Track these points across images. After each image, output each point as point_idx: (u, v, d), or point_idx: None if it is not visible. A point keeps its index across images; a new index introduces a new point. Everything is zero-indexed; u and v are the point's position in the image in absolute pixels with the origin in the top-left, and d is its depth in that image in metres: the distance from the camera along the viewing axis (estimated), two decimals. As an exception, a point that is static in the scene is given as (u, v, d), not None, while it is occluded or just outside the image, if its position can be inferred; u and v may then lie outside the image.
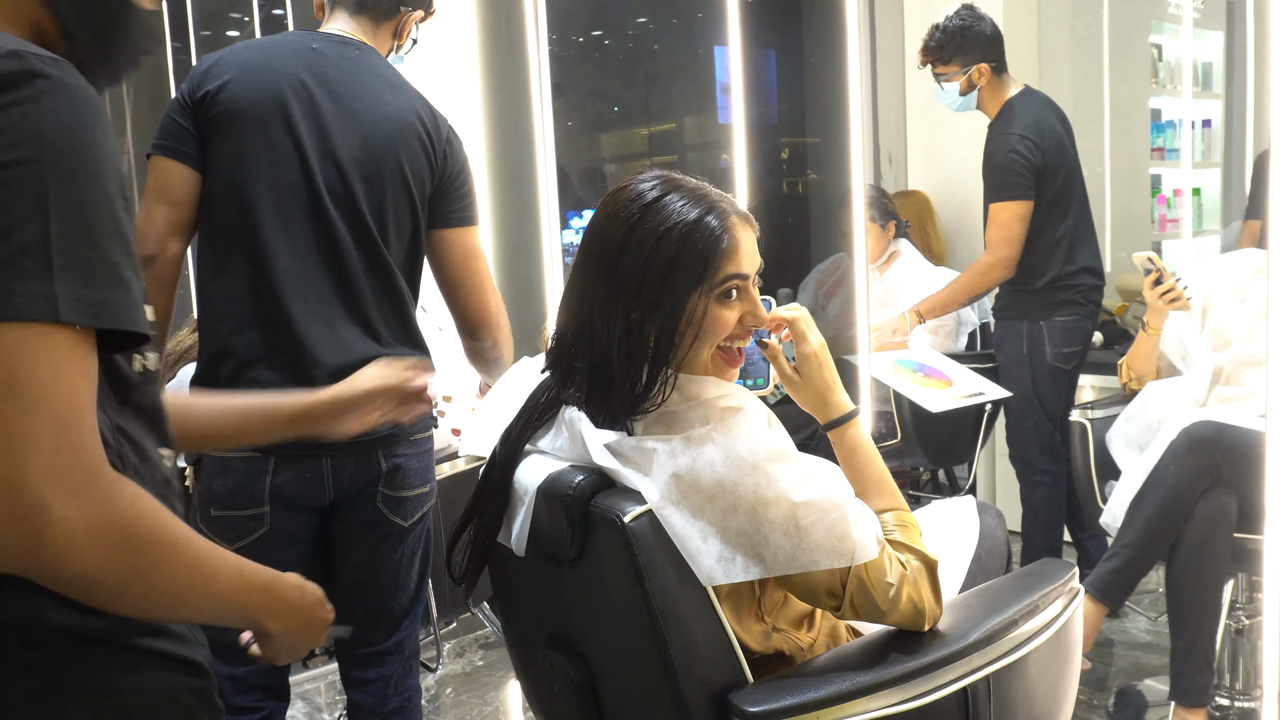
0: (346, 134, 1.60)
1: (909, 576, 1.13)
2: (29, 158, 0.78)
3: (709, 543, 1.06)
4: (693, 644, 1.07)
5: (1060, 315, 2.76)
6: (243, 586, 0.89)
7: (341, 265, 1.58)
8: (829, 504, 1.08)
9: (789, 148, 4.63)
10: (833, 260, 3.46)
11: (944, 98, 2.87)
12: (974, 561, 1.46)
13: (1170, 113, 4.69)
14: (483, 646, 3.09)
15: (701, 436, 1.08)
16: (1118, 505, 2.18)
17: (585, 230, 1.20)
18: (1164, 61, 4.66)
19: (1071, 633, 1.27)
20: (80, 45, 0.93)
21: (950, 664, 1.11)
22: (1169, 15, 4.61)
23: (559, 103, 3.13)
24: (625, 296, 1.13)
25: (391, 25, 1.73)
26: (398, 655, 1.76)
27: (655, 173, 1.19)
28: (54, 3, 0.91)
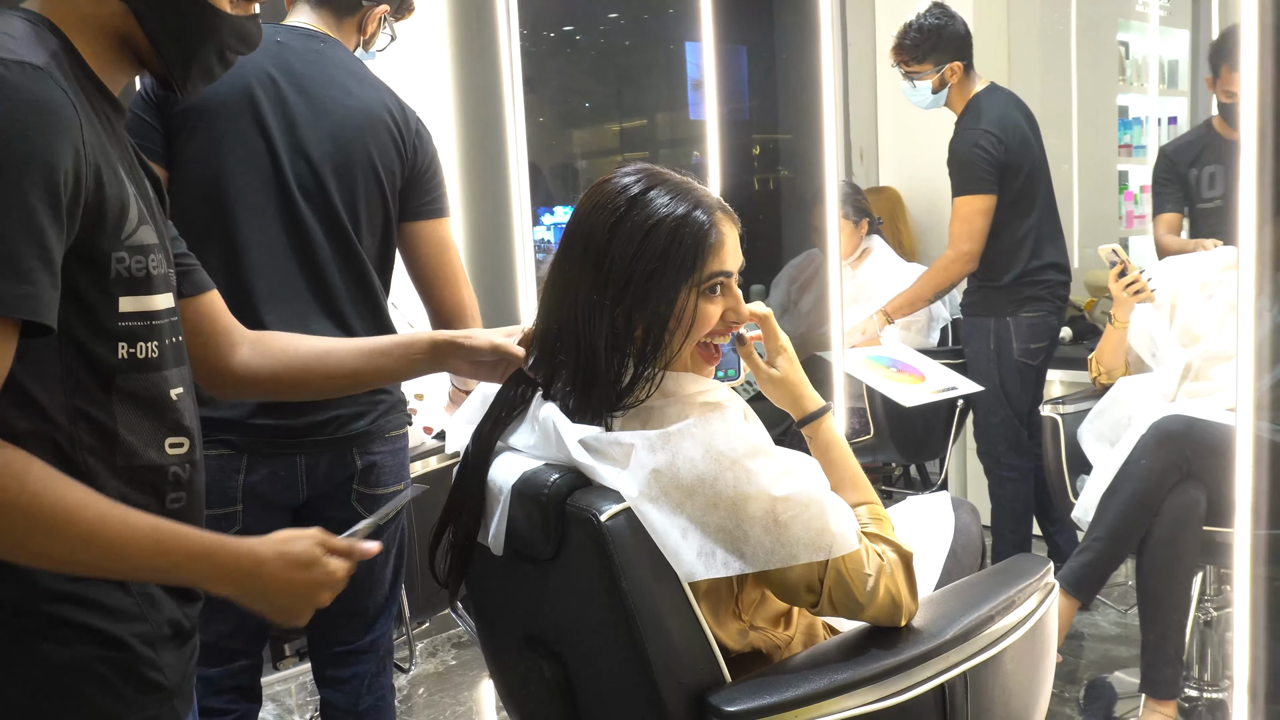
0: (315, 127, 1.58)
1: (886, 568, 1.13)
2: None
3: (689, 538, 1.05)
4: (670, 643, 1.06)
5: (1026, 311, 2.78)
6: (159, 553, 0.90)
7: (313, 260, 1.57)
8: (808, 498, 1.08)
9: (760, 144, 4.64)
10: (805, 256, 3.47)
11: (914, 96, 2.88)
12: (949, 557, 1.46)
13: (1137, 110, 4.74)
14: (455, 646, 3.07)
15: (681, 432, 1.07)
16: (1089, 499, 2.20)
17: (567, 225, 1.18)
18: (1131, 59, 4.71)
19: (1047, 628, 1.28)
20: (168, 51, 1.01)
21: (927, 660, 1.11)
22: (1136, 14, 4.65)
23: (530, 98, 3.12)
24: (613, 290, 1.12)
25: (355, 20, 1.71)
26: (372, 654, 1.74)
27: (639, 166, 1.18)
28: (141, 15, 0.99)
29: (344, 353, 1.27)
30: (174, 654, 0.99)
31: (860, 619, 1.14)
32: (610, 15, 4.70)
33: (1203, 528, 2.09)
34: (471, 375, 1.27)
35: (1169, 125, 4.74)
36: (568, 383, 1.15)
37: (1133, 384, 2.36)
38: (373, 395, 1.63)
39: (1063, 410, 2.44)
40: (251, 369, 1.20)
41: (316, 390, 1.31)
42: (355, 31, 1.72)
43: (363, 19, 1.71)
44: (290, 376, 1.24)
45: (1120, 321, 2.43)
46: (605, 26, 4.72)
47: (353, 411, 1.60)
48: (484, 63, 3.07)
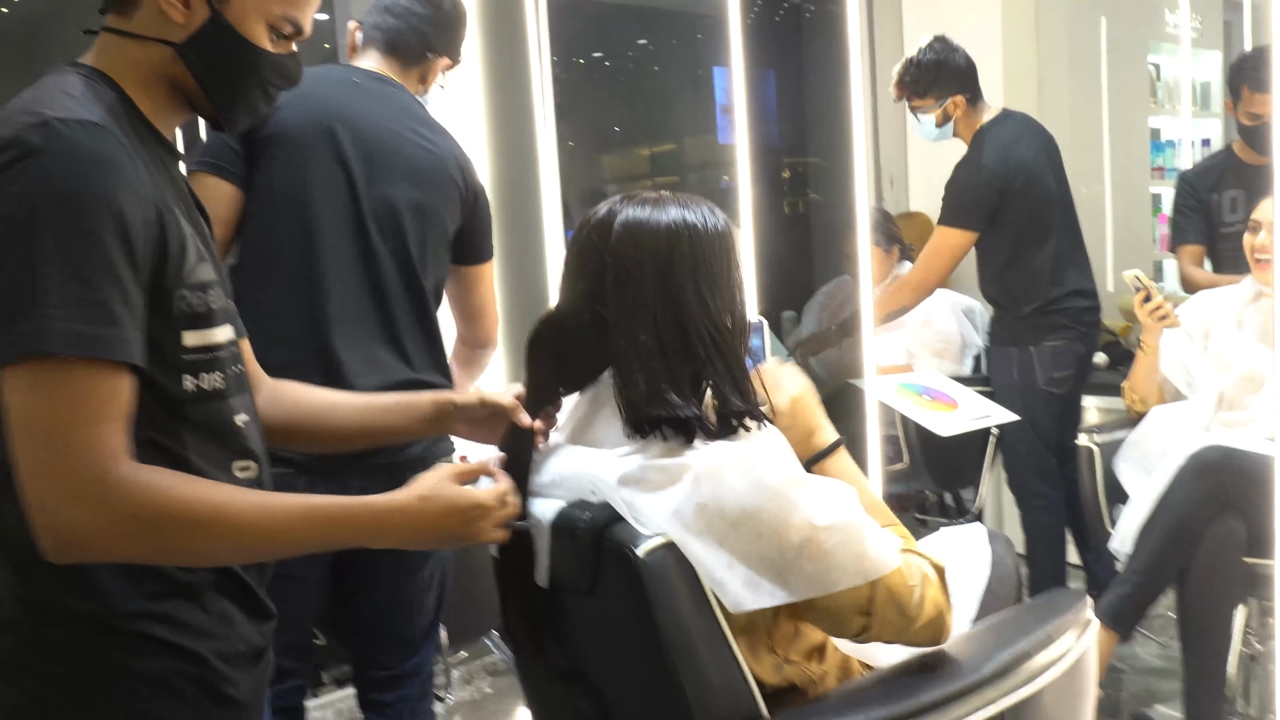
0: (392, 167, 1.66)
1: (930, 578, 1.15)
2: (15, 215, 0.89)
3: (735, 570, 1.06)
4: (706, 678, 1.06)
5: (1050, 340, 2.74)
6: (309, 526, 0.99)
7: (380, 289, 1.64)
8: (846, 525, 1.09)
9: (790, 168, 4.64)
10: (836, 283, 3.46)
11: (920, 129, 2.88)
12: (987, 592, 1.45)
13: (1169, 132, 4.71)
14: (491, 674, 3.08)
15: (724, 464, 1.07)
16: (1126, 530, 2.17)
17: (605, 261, 1.16)
18: (1162, 81, 4.69)
19: (1086, 664, 1.26)
20: (215, 91, 1.07)
21: (965, 697, 1.10)
22: (1167, 35, 4.63)
23: (560, 125, 3.15)
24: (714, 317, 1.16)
25: (418, 70, 1.80)
26: (415, 678, 1.78)
27: (653, 195, 1.19)
28: (188, 58, 1.04)
29: (352, 408, 1.30)
30: (248, 672, 1.05)
31: (908, 637, 1.15)
32: (639, 41, 4.74)
33: (1244, 559, 2.07)
34: (469, 436, 1.30)
35: (1202, 147, 4.71)
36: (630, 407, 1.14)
37: (1167, 413, 2.34)
38: None
39: (1098, 439, 2.42)
40: (267, 414, 1.22)
41: (325, 442, 1.33)
42: (417, 81, 1.81)
43: (425, 70, 1.81)
44: (300, 426, 1.27)
45: (1149, 347, 2.40)
46: (634, 53, 4.76)
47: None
48: (516, 89, 3.10)
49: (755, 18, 4.38)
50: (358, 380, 1.58)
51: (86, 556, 0.92)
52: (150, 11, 1.03)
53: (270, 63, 1.09)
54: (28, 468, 0.88)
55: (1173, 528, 2.07)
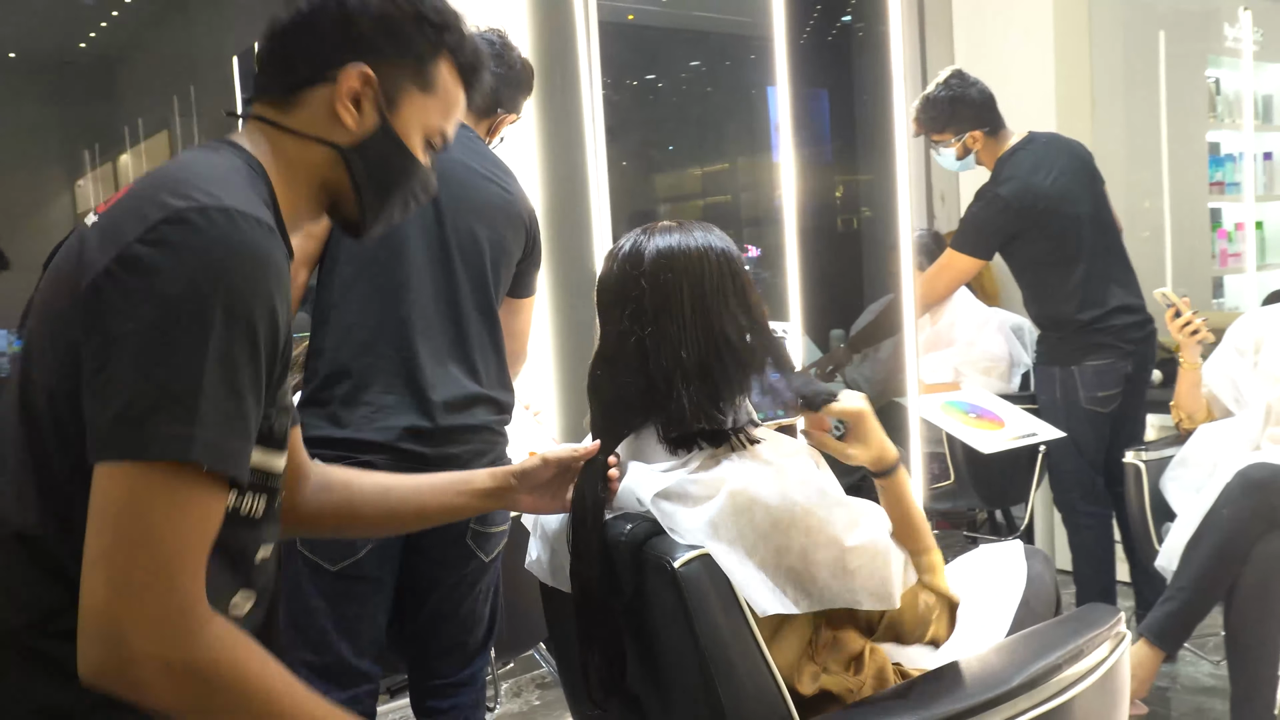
0: (475, 203, 1.78)
1: (933, 618, 1.23)
2: (186, 301, 0.84)
3: (762, 577, 1.11)
4: (741, 685, 1.10)
5: (1092, 359, 2.73)
6: None
7: (458, 312, 1.73)
8: (874, 549, 1.14)
9: (843, 185, 4.66)
10: (883, 301, 3.48)
11: (943, 161, 2.91)
12: (1022, 606, 1.47)
13: (1230, 146, 4.65)
14: (539, 686, 3.13)
15: (759, 479, 1.12)
16: (1173, 547, 2.17)
17: (647, 289, 1.22)
18: (1222, 95, 4.63)
19: (1118, 677, 1.28)
20: (369, 198, 1.06)
21: (995, 706, 1.13)
22: (1227, 49, 4.58)
23: (613, 146, 3.21)
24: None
25: (488, 122, 1.96)
26: (471, 687, 1.84)
27: (648, 227, 1.27)
28: (351, 162, 1.04)
29: (407, 489, 1.26)
30: None
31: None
32: (692, 63, 4.79)
33: (1294, 578, 2.05)
34: (533, 508, 1.27)
35: (1264, 161, 4.64)
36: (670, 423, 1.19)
37: (1215, 430, 2.33)
38: (495, 435, 1.76)
39: (1145, 457, 2.41)
40: (317, 503, 1.20)
41: (379, 527, 1.28)
42: (485, 131, 1.96)
43: (494, 123, 1.97)
44: (354, 512, 1.23)
45: (1189, 363, 2.41)
46: (686, 74, 4.81)
47: (477, 448, 1.72)
48: (567, 113, 3.17)
49: (808, 38, 4.42)
50: (434, 390, 1.67)
51: (125, 689, 0.82)
52: (317, 112, 1.03)
53: (421, 173, 1.10)
54: (111, 576, 0.81)
55: (1219, 545, 2.06)
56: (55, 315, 0.91)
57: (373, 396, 1.65)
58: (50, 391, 0.89)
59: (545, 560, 1.31)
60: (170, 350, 0.83)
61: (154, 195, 0.89)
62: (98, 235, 0.90)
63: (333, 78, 1.03)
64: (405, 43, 1.05)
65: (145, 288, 0.84)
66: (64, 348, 0.88)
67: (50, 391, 0.89)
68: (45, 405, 0.89)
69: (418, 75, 1.07)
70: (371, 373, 1.66)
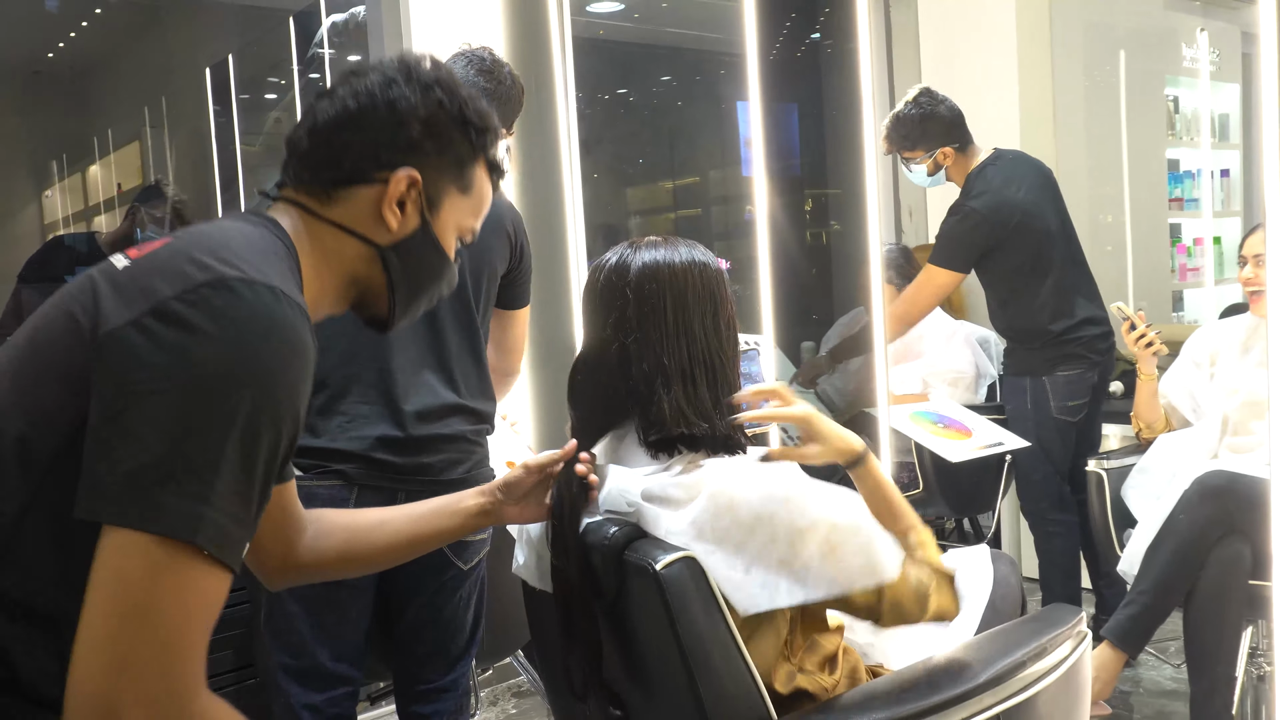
0: None
1: (931, 594, 1.26)
2: (214, 377, 0.82)
3: (752, 573, 1.15)
4: (720, 683, 1.14)
5: (1062, 370, 2.80)
6: None
7: (438, 324, 1.75)
8: (858, 526, 1.18)
9: (812, 199, 4.73)
10: (853, 315, 3.55)
11: (914, 178, 2.98)
12: (989, 608, 1.52)
13: (1188, 163, 4.77)
14: (515, 695, 3.15)
15: (735, 477, 1.17)
16: (1134, 553, 2.24)
17: (630, 297, 1.27)
18: (1180, 113, 4.75)
19: (1080, 674, 1.34)
20: (402, 294, 1.08)
21: (963, 702, 1.18)
22: (1185, 69, 4.70)
23: (585, 159, 3.25)
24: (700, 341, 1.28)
25: None
26: (453, 693, 1.87)
27: (634, 241, 1.32)
28: (389, 263, 1.05)
29: (401, 519, 1.27)
30: None
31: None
32: (663, 78, 4.85)
33: (1249, 581, 2.12)
34: (519, 519, 1.29)
35: (1221, 177, 4.76)
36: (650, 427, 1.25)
37: (1174, 440, 2.41)
38: (471, 444, 1.78)
39: (1107, 465, 2.48)
40: (318, 549, 1.21)
41: (380, 560, 1.29)
42: None
43: None
44: (354, 551, 1.24)
45: (1146, 374, 2.49)
46: (658, 88, 4.87)
47: (452, 458, 1.74)
48: (543, 126, 3.21)
49: (778, 54, 4.49)
50: (407, 400, 1.69)
51: None
52: (360, 209, 1.04)
53: (449, 273, 1.12)
54: (113, 652, 0.78)
55: (1178, 550, 2.13)
56: (49, 353, 0.88)
57: (348, 406, 1.68)
58: (20, 433, 0.86)
59: (532, 564, 1.34)
60: (197, 420, 0.81)
61: (195, 256, 0.88)
62: (126, 282, 0.88)
63: (383, 179, 1.04)
64: (449, 145, 1.07)
65: (180, 347, 0.83)
66: (55, 388, 0.86)
67: (20, 433, 0.86)
68: (9, 443, 0.86)
69: (458, 177, 1.09)
70: (348, 383, 1.69)
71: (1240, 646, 2.21)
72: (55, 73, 3.96)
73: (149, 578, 0.79)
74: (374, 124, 1.04)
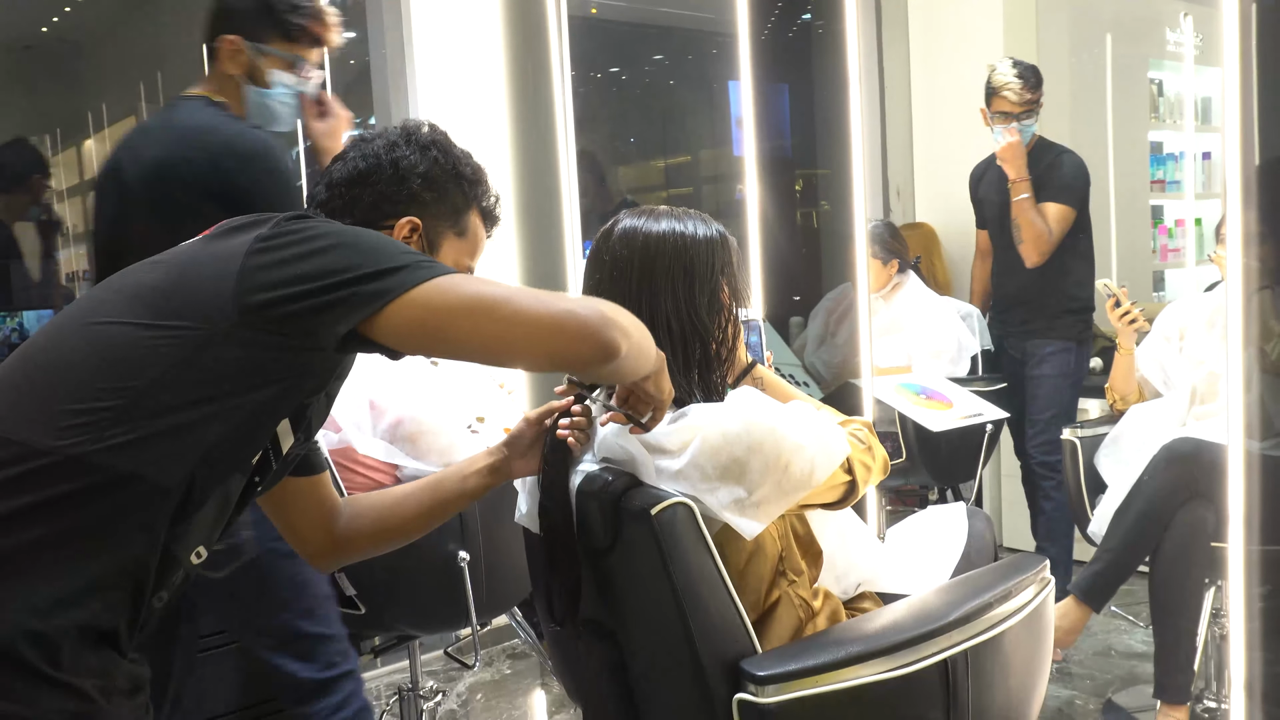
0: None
1: (869, 436, 1.46)
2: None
3: (754, 496, 1.26)
4: (709, 618, 1.24)
5: (1088, 338, 3.06)
6: None
7: None
8: (821, 430, 1.32)
9: (803, 179, 4.80)
10: (839, 290, 3.63)
11: (1023, 132, 3.09)
12: (963, 559, 1.62)
13: (1171, 145, 4.85)
14: (510, 657, 3.26)
15: (722, 418, 1.27)
16: (1104, 515, 2.34)
17: (635, 254, 1.37)
18: (1164, 97, 4.83)
19: (1044, 617, 1.44)
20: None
21: (932, 638, 1.27)
22: (1169, 53, 4.78)
23: (577, 138, 3.32)
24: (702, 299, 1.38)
25: (216, 65, 1.92)
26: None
27: (632, 208, 1.43)
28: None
29: (422, 490, 1.41)
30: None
31: (878, 476, 1.44)
32: (655, 57, 4.89)
33: (1211, 544, 2.23)
34: (525, 471, 1.41)
35: (1203, 160, 4.85)
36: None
37: (1145, 410, 2.51)
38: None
39: (1081, 434, 2.59)
40: (354, 530, 1.37)
41: (411, 531, 1.42)
42: (223, 74, 1.94)
43: (220, 57, 1.93)
44: (388, 528, 1.39)
45: (1125, 348, 2.61)
46: (650, 67, 4.90)
47: None
48: (538, 103, 3.28)
49: (769, 34, 4.54)
50: None
51: (611, 347, 1.08)
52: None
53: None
54: (538, 317, 1.05)
55: (1144, 512, 2.23)
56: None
57: None
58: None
59: (533, 512, 1.43)
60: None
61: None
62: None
63: (389, 226, 1.26)
64: (445, 196, 1.31)
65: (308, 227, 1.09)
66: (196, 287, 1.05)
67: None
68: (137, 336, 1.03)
69: (455, 224, 1.32)
70: None
71: (1203, 606, 2.32)
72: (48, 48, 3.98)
73: (453, 287, 1.06)
74: (380, 180, 1.28)
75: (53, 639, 0.94)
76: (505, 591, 2.18)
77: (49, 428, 0.97)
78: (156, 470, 0.99)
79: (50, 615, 0.94)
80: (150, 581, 1.01)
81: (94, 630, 0.97)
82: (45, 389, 1.01)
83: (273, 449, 1.13)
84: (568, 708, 2.90)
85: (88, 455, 0.96)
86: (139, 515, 0.99)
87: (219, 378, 1.01)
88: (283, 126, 1.97)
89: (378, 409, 2.13)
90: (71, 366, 1.01)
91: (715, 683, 1.23)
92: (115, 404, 0.98)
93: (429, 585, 2.02)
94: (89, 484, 0.96)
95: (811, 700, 1.20)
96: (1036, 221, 3.02)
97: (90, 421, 0.97)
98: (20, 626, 0.92)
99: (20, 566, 0.95)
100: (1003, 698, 1.37)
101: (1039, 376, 3.06)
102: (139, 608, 1.01)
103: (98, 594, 0.97)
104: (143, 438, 0.98)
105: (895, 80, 4.07)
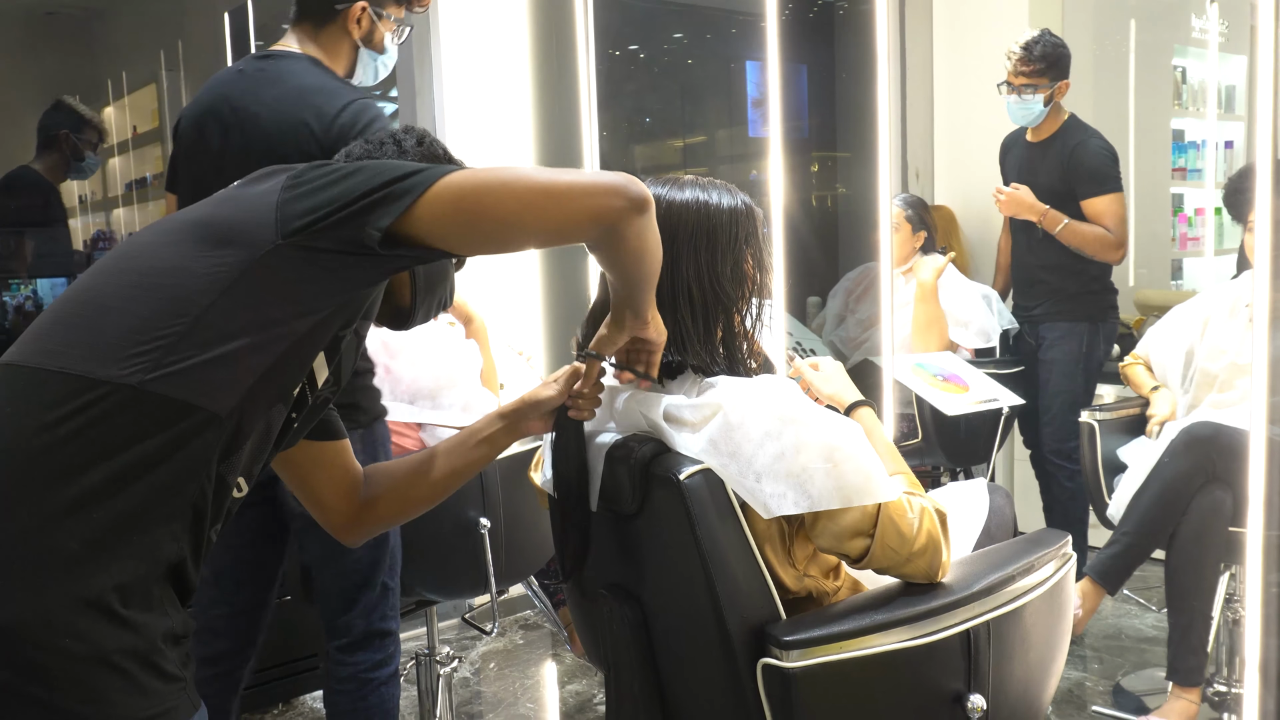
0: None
1: (928, 512, 1.31)
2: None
3: (763, 482, 1.24)
4: (735, 584, 1.25)
5: (1109, 318, 3.06)
6: None
7: None
8: (856, 446, 1.26)
9: (819, 161, 4.78)
10: (862, 269, 3.63)
11: (1020, 110, 3.08)
12: (983, 534, 1.64)
13: (1193, 133, 4.83)
14: (523, 627, 3.29)
15: (747, 399, 1.27)
16: (1122, 498, 2.35)
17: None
18: (1187, 84, 4.80)
19: (1064, 592, 1.45)
20: (418, 298, 1.34)
21: (955, 609, 1.29)
22: (1193, 40, 4.75)
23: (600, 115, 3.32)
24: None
25: (333, 28, 1.89)
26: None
27: (659, 177, 1.41)
28: (416, 278, 1.32)
29: (440, 456, 1.41)
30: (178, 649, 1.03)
31: (906, 567, 1.30)
32: (675, 35, 4.87)
33: (1228, 528, 2.24)
34: (544, 430, 1.41)
35: (1225, 149, 4.83)
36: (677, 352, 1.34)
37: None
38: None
39: (1099, 417, 2.59)
40: (376, 499, 1.38)
41: (433, 497, 1.43)
42: (342, 38, 1.92)
43: (342, 23, 1.90)
44: (412, 495, 1.40)
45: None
46: (669, 45, 4.88)
47: None
48: (563, 82, 3.28)
49: (790, 14, 4.52)
50: None
51: (635, 213, 1.12)
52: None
53: (452, 285, 1.39)
54: (537, 199, 1.07)
55: (1162, 495, 2.24)
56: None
57: None
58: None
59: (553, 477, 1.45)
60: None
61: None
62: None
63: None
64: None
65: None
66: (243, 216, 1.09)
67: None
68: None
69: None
70: None
71: (1218, 589, 2.33)
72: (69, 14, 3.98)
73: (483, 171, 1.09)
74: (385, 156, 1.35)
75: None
76: (524, 559, 2.21)
77: (107, 359, 0.99)
78: (210, 400, 1.01)
79: (119, 548, 0.96)
80: (209, 511, 1.04)
81: (164, 562, 1.00)
82: (101, 324, 1.03)
83: (309, 384, 1.16)
84: (579, 678, 2.93)
85: (145, 384, 0.99)
86: (197, 443, 1.01)
87: (264, 303, 1.04)
88: (371, 83, 2.01)
89: (394, 374, 2.16)
90: (126, 300, 1.04)
91: (740, 647, 1.24)
92: (170, 333, 1.00)
93: (449, 551, 2.04)
94: (149, 412, 0.99)
95: (835, 666, 1.22)
96: (1089, 233, 3.02)
97: (147, 350, 1.00)
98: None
99: (98, 499, 0.96)
100: (1022, 670, 1.38)
101: (1051, 361, 3.06)
102: (199, 539, 1.04)
103: (164, 524, 0.99)
104: (196, 364, 1.00)
105: (918, 62, 4.05)
